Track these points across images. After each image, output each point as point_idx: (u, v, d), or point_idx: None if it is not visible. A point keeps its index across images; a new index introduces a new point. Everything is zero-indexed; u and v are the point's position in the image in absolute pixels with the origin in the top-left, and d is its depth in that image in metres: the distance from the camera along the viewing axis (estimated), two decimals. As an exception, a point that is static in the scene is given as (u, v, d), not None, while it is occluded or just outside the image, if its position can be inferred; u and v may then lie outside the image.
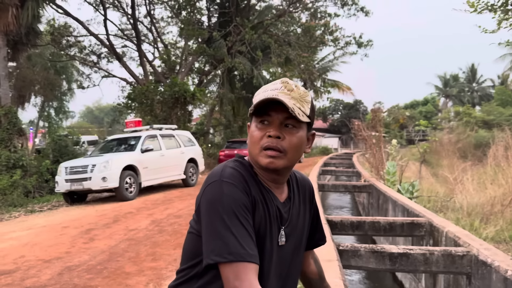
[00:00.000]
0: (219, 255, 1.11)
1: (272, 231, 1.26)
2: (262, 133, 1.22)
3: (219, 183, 1.18)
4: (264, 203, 1.24)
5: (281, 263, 1.31)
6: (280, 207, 1.29)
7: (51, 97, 25.95)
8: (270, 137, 1.21)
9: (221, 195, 1.16)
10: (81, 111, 69.79)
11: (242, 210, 1.15)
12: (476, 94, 58.34)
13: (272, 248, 1.26)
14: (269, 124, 1.22)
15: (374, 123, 11.69)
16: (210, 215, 1.16)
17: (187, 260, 1.29)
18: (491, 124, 28.45)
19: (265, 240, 1.23)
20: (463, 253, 3.55)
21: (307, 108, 1.24)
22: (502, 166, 10.37)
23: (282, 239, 1.29)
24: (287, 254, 1.32)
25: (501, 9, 5.35)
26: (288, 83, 1.24)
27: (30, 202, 10.97)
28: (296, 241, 1.36)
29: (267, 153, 1.21)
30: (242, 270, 1.09)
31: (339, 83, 39.89)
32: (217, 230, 1.13)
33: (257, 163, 1.25)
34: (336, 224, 4.84)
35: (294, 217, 1.34)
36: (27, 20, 14.03)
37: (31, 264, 5.50)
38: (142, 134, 11.99)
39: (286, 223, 1.31)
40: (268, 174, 1.27)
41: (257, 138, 1.23)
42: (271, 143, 1.20)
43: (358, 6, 20.18)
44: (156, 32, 23.17)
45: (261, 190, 1.25)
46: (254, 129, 1.24)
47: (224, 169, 1.23)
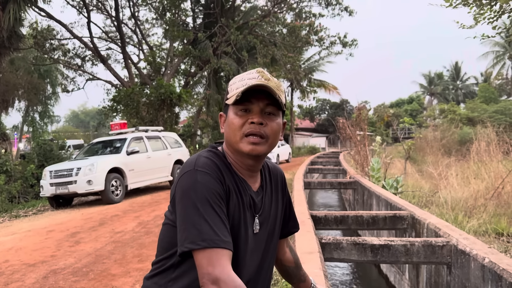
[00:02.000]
0: (193, 242, 1.12)
1: (247, 220, 1.28)
2: (243, 120, 1.24)
3: (193, 172, 1.20)
4: (238, 192, 1.26)
5: (256, 250, 1.33)
6: (254, 196, 1.31)
7: (36, 101, 25.68)
8: (252, 124, 1.23)
9: (195, 184, 1.17)
10: (66, 115, 69.20)
11: (216, 198, 1.17)
12: (461, 91, 59.22)
13: (247, 236, 1.28)
14: (250, 112, 1.24)
15: (358, 121, 11.80)
16: (184, 203, 1.17)
17: (162, 251, 1.30)
18: (475, 120, 28.87)
19: (239, 228, 1.25)
20: (443, 243, 3.62)
21: (283, 97, 1.27)
22: (484, 161, 10.55)
23: (257, 227, 1.32)
24: (261, 241, 1.35)
25: (476, 4, 5.46)
26: (264, 72, 1.26)
27: (14, 208, 10.83)
28: (269, 228, 1.38)
29: (249, 139, 1.23)
30: (215, 256, 1.10)
31: (325, 83, 40.19)
32: (191, 218, 1.14)
33: (238, 150, 1.26)
34: (320, 219, 4.89)
35: (267, 205, 1.37)
36: (8, 23, 13.87)
37: (15, 269, 5.44)
38: (127, 136, 11.92)
39: (260, 211, 1.33)
40: (246, 161, 1.29)
41: (238, 125, 1.24)
42: (254, 129, 1.23)
43: (342, 5, 20.35)
44: (141, 34, 23.06)
45: (235, 179, 1.27)
46: (234, 117, 1.25)
47: (198, 158, 1.25)
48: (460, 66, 60.74)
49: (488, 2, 5.42)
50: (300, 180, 9.46)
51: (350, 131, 11.90)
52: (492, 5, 5.53)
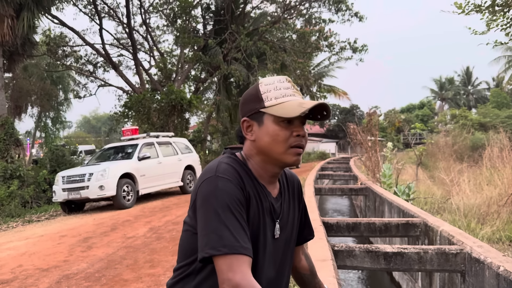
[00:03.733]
0: (214, 248, 1.13)
1: (266, 225, 1.30)
2: (288, 132, 1.25)
3: (214, 178, 1.21)
4: (258, 198, 1.28)
5: (275, 256, 1.35)
6: (273, 202, 1.33)
7: (48, 107, 25.98)
8: (298, 136, 1.25)
9: (216, 190, 1.18)
10: (78, 121, 69.83)
11: (236, 204, 1.18)
12: (472, 96, 58.65)
13: (266, 241, 1.29)
14: (292, 124, 1.25)
15: (369, 127, 11.76)
16: (205, 210, 1.19)
17: (184, 257, 1.32)
18: (487, 126, 28.58)
19: (259, 233, 1.27)
20: (457, 251, 3.59)
21: None
22: (497, 167, 10.43)
23: (277, 232, 1.33)
24: (280, 247, 1.37)
25: (489, 10, 5.43)
26: (291, 81, 1.31)
27: (27, 213, 10.96)
28: (287, 234, 1.40)
29: (296, 151, 1.26)
30: (235, 262, 1.11)
31: (335, 88, 40.02)
32: (211, 224, 1.15)
33: (280, 161, 1.28)
34: (332, 226, 4.87)
35: (285, 211, 1.39)
36: (22, 30, 14.08)
37: (29, 273, 5.51)
38: (139, 142, 12.01)
39: (279, 217, 1.35)
40: (274, 170, 1.32)
41: (284, 137, 1.25)
42: (300, 142, 1.26)
43: (352, 11, 20.34)
44: (152, 41, 23.26)
45: (255, 186, 1.29)
46: (278, 128, 1.25)
47: (219, 164, 1.26)
48: (471, 71, 60.21)
49: (501, 8, 5.39)
50: (310, 186, 9.44)
51: (361, 137, 11.85)
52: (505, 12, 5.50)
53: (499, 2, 5.35)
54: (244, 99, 1.33)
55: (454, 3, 5.55)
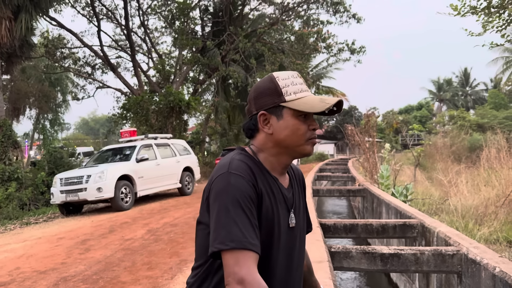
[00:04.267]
0: (222, 243, 1.15)
1: (280, 216, 1.32)
2: (306, 125, 1.32)
3: (227, 174, 1.23)
4: (271, 192, 1.30)
5: (290, 246, 1.36)
6: (286, 193, 1.37)
7: (46, 109, 25.94)
8: (313, 130, 1.34)
9: (228, 186, 1.21)
10: (76, 123, 69.79)
11: (247, 200, 1.20)
12: (470, 97, 58.77)
13: (280, 231, 1.31)
14: (307, 118, 1.33)
15: (367, 128, 11.77)
16: (217, 205, 1.21)
17: (201, 256, 1.33)
18: (485, 127, 28.62)
19: (273, 226, 1.29)
20: (453, 252, 3.60)
21: None
22: (495, 168, 10.45)
23: (293, 221, 1.36)
24: (295, 236, 1.39)
25: (484, 12, 5.44)
26: (302, 77, 1.37)
27: (25, 215, 10.94)
28: (300, 223, 1.43)
29: (313, 141, 1.35)
30: (242, 257, 1.13)
31: (333, 89, 40.07)
32: (221, 220, 1.17)
33: (299, 153, 1.34)
34: (329, 227, 4.88)
35: (297, 201, 1.43)
36: (20, 32, 14.06)
37: (26, 276, 5.50)
38: (137, 144, 12.00)
39: (293, 207, 1.38)
40: (287, 161, 1.37)
41: (304, 131, 1.31)
42: (315, 135, 1.35)
43: (350, 13, 20.40)
44: (150, 43, 23.27)
45: (267, 179, 1.31)
46: (298, 122, 1.31)
47: (232, 161, 1.28)
48: (469, 72, 60.34)
49: (496, 10, 5.41)
50: (308, 187, 9.44)
51: (359, 138, 11.86)
52: (500, 14, 5.52)
53: (494, 3, 5.38)
54: (259, 92, 1.34)
55: (450, 5, 5.57)
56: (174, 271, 5.30)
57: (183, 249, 6.39)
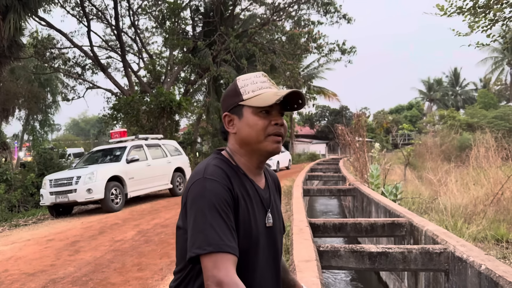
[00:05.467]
0: (200, 247, 1.17)
1: (257, 217, 1.33)
2: (267, 121, 1.31)
3: (203, 180, 1.25)
4: (247, 193, 1.32)
5: (269, 246, 1.38)
6: (262, 193, 1.38)
7: (36, 110, 25.76)
8: (276, 125, 1.32)
9: (204, 192, 1.23)
10: (66, 124, 69.29)
11: (223, 205, 1.22)
12: (460, 97, 59.34)
13: (259, 232, 1.32)
14: (270, 114, 1.32)
15: (357, 128, 11.83)
16: (193, 211, 1.23)
17: (181, 260, 1.34)
18: (474, 126, 28.88)
19: (251, 226, 1.30)
20: (440, 250, 3.64)
21: None
22: (484, 167, 10.57)
23: (270, 221, 1.37)
24: (274, 237, 1.40)
25: (470, 12, 5.51)
26: (267, 76, 1.38)
27: (14, 217, 10.83)
28: (277, 223, 1.43)
29: (274, 139, 1.32)
30: (220, 260, 1.15)
31: (324, 89, 40.27)
32: (198, 225, 1.20)
33: (260, 149, 1.33)
34: (319, 226, 4.90)
35: (273, 201, 1.44)
36: (9, 32, 13.94)
37: (14, 278, 5.45)
38: (127, 145, 11.94)
39: (270, 207, 1.40)
40: (259, 159, 1.37)
41: (263, 126, 1.31)
42: (279, 130, 1.32)
43: (340, 13, 20.47)
44: (141, 43, 23.18)
45: (243, 181, 1.33)
46: (257, 118, 1.31)
47: (207, 166, 1.30)
48: (459, 72, 60.92)
49: (482, 10, 5.47)
50: (299, 187, 9.47)
51: (349, 138, 11.92)
52: (486, 14, 5.59)
53: (480, 4, 5.44)
54: (224, 96, 1.40)
55: (436, 5, 5.63)
56: (164, 272, 5.29)
57: (173, 250, 6.34)
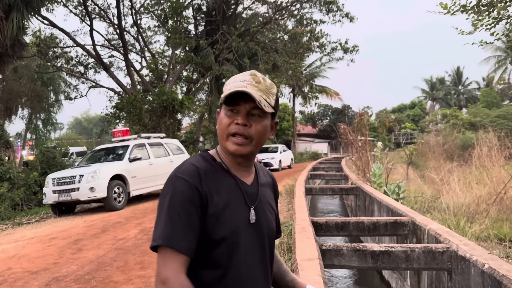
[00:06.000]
0: (154, 240, 1.22)
1: (235, 212, 1.31)
2: (231, 120, 1.31)
3: (173, 177, 1.29)
4: (225, 190, 1.31)
5: (255, 243, 1.35)
6: (247, 189, 1.36)
7: (39, 109, 25.81)
8: (237, 124, 1.30)
9: (170, 189, 1.26)
10: (69, 123, 69.42)
11: (187, 203, 1.23)
12: (463, 96, 59.17)
13: (239, 227, 1.31)
14: (237, 113, 1.31)
15: (359, 127, 11.82)
16: (159, 207, 1.27)
17: None
18: (477, 125, 28.82)
19: (227, 222, 1.29)
20: (443, 249, 3.63)
21: (272, 100, 1.33)
22: (486, 166, 10.54)
23: (253, 217, 1.35)
24: (260, 233, 1.37)
25: (474, 10, 5.48)
26: (256, 75, 1.34)
27: (17, 215, 10.87)
28: (268, 221, 1.41)
29: (234, 139, 1.30)
30: (169, 258, 1.19)
31: (327, 88, 40.23)
32: (160, 220, 1.24)
33: (225, 148, 1.34)
34: (321, 225, 4.90)
35: (263, 198, 1.42)
36: (12, 31, 13.97)
37: (18, 276, 5.46)
38: (130, 143, 11.96)
39: (255, 203, 1.37)
40: (235, 159, 1.36)
41: (225, 124, 1.31)
42: (239, 130, 1.30)
43: (343, 12, 20.45)
44: (143, 42, 23.20)
45: (223, 178, 1.33)
46: (224, 116, 1.33)
47: (183, 164, 1.34)
48: (461, 71, 60.73)
49: (486, 9, 5.45)
50: (301, 186, 9.47)
51: (352, 137, 11.91)
52: (490, 12, 5.57)
53: (483, 2, 5.42)
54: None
55: (440, 4, 5.60)
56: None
57: (176, 249, 6.36)
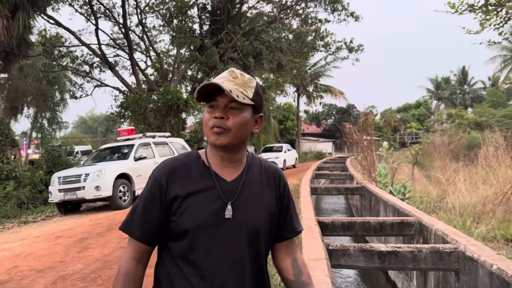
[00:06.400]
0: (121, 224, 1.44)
1: (207, 208, 1.37)
2: (211, 115, 1.38)
3: (151, 174, 1.46)
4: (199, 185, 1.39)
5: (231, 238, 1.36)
6: (224, 186, 1.40)
7: (44, 107, 25.92)
8: (215, 118, 1.37)
9: (146, 184, 1.44)
10: (74, 121, 69.64)
11: (151, 197, 1.40)
12: (468, 96, 58.87)
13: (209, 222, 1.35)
14: (216, 108, 1.38)
15: (365, 126, 11.78)
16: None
17: None
18: (483, 125, 28.65)
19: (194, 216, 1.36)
20: (451, 249, 3.61)
21: (250, 92, 1.39)
22: (493, 166, 10.47)
23: (229, 212, 1.37)
24: (233, 228, 1.37)
25: (482, 10, 5.45)
26: (234, 71, 1.41)
27: (23, 213, 10.92)
28: (248, 217, 1.39)
29: (214, 130, 1.37)
30: (129, 241, 1.42)
31: (331, 88, 40.13)
32: (131, 208, 1.45)
33: (209, 142, 1.42)
34: (327, 225, 4.89)
35: (246, 194, 1.42)
36: (18, 31, 14.04)
37: (24, 274, 5.49)
38: (135, 142, 11.99)
39: (234, 199, 1.39)
40: (219, 153, 1.43)
41: (206, 120, 1.39)
42: (216, 123, 1.37)
43: (348, 11, 20.36)
44: (148, 41, 23.24)
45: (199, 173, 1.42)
46: (205, 113, 1.41)
47: (164, 162, 1.48)
48: (467, 70, 60.42)
49: (494, 8, 5.41)
50: (306, 185, 9.45)
51: (357, 137, 11.87)
52: (498, 11, 5.52)
53: (492, 1, 5.38)
54: None
55: (448, 3, 5.57)
56: (172, 269, 5.29)
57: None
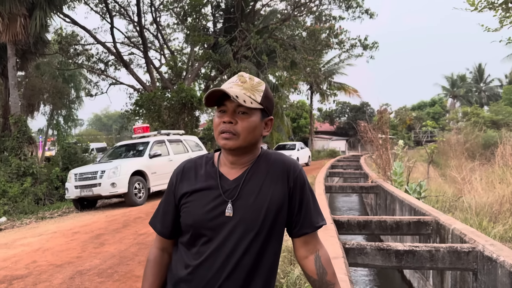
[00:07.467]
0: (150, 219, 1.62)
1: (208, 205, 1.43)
2: (220, 120, 1.42)
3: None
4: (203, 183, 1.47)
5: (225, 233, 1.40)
6: (226, 185, 1.45)
7: (60, 105, 26.24)
8: (224, 123, 1.41)
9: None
10: (89, 119, 70.31)
11: (167, 194, 1.56)
12: (484, 94, 57.91)
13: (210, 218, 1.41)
14: (226, 113, 1.41)
15: (380, 124, 11.69)
16: None
17: None
18: (499, 123, 28.22)
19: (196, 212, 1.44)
20: (469, 249, 3.57)
21: (258, 96, 1.42)
22: (510, 165, 10.31)
23: (229, 211, 1.41)
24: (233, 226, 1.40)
25: (502, 7, 5.35)
26: (243, 76, 1.44)
27: (40, 209, 11.09)
28: (250, 215, 1.40)
29: (222, 135, 1.41)
30: (155, 235, 1.59)
31: (345, 85, 39.88)
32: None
33: (219, 145, 1.46)
34: (343, 223, 4.87)
35: (248, 193, 1.43)
36: (35, 29, 14.23)
37: (42, 269, 5.58)
38: (150, 140, 12.08)
39: (234, 197, 1.42)
40: (228, 157, 1.48)
41: (216, 124, 1.44)
42: (225, 128, 1.41)
43: (363, 8, 20.17)
44: (163, 39, 23.36)
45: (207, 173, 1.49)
46: (215, 117, 1.45)
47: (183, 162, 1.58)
48: (483, 68, 59.41)
49: (515, 5, 5.33)
50: (321, 184, 9.43)
51: (372, 135, 11.79)
52: (519, 9, 5.44)
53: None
54: None
55: (467, 0, 5.49)
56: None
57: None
